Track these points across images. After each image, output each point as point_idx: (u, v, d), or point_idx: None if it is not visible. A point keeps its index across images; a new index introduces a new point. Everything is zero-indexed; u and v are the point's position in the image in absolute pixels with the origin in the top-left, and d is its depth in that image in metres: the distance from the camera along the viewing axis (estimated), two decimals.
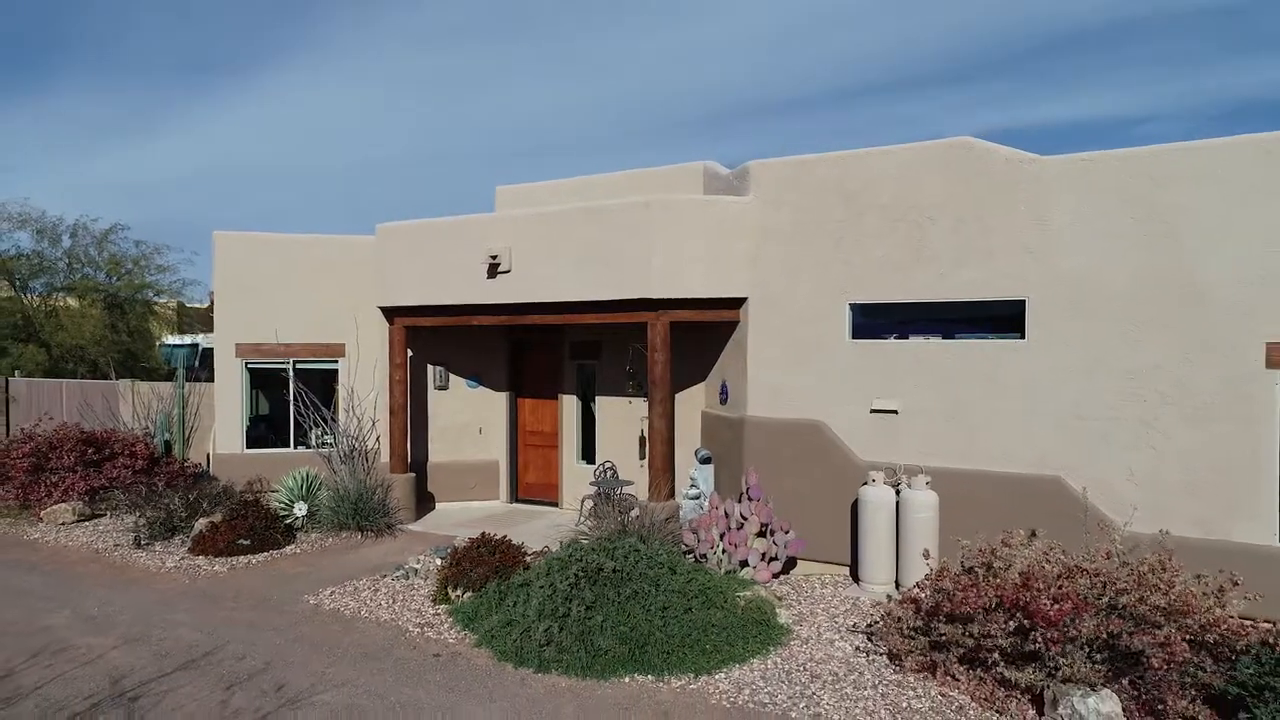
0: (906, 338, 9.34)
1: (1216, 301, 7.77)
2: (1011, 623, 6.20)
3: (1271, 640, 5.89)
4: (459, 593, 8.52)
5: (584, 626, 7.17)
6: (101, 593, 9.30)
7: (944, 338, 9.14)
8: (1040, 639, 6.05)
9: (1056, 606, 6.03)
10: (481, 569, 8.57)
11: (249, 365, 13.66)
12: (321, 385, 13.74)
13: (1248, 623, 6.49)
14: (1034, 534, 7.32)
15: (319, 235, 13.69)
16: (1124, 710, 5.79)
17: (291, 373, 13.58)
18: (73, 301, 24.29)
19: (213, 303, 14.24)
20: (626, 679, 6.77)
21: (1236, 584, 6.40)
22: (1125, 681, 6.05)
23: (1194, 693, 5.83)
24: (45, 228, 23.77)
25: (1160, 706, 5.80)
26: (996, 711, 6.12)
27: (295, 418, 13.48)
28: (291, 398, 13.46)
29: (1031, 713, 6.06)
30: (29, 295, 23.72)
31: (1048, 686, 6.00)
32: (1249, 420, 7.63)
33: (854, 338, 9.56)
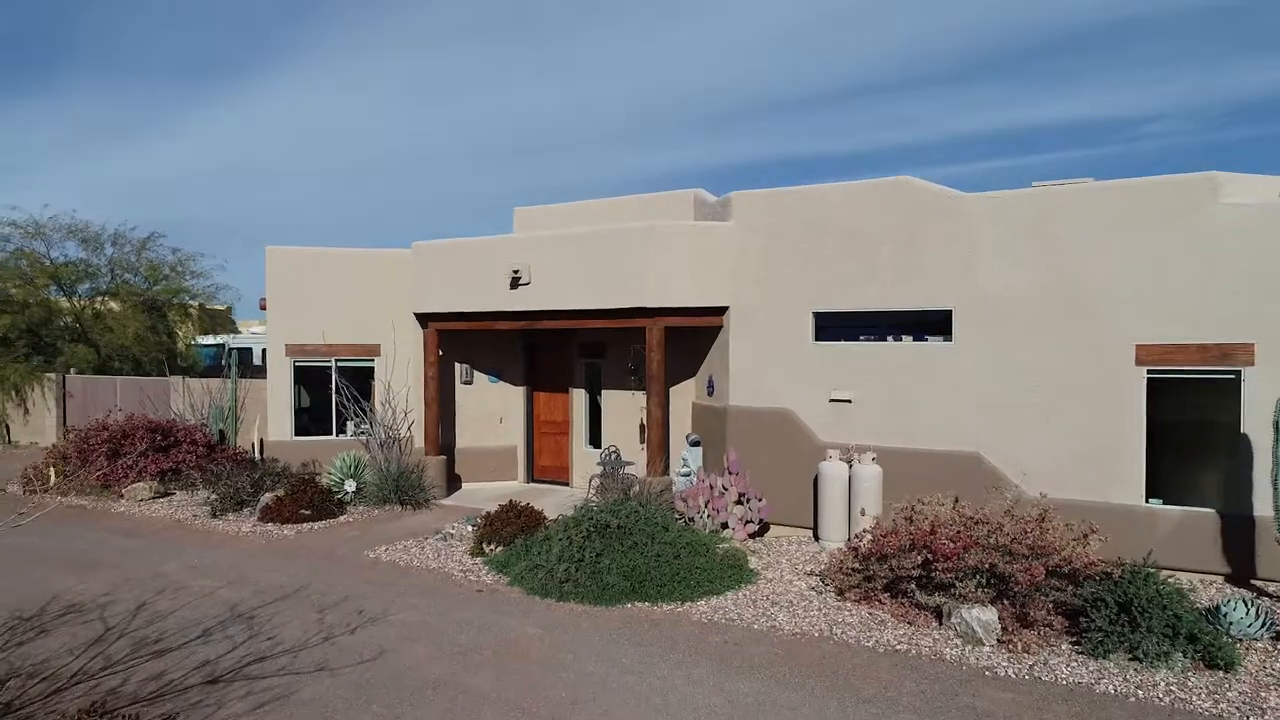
0: (859, 339, 11.30)
1: (1099, 312, 9.73)
2: (919, 558, 8.17)
3: (1110, 571, 7.84)
4: (492, 547, 10.50)
5: (595, 568, 9.14)
6: (195, 550, 11.29)
7: (888, 339, 11.10)
8: (940, 569, 8.02)
9: (951, 545, 7.99)
10: (510, 528, 10.56)
11: (296, 363, 15.61)
12: (357, 381, 15.68)
13: (1109, 561, 8.39)
14: (956, 499, 9.28)
15: (358, 249, 15.66)
16: (1000, 619, 7.76)
17: (334, 370, 15.54)
18: (114, 305, 26.24)
19: (263, 304, 16.10)
20: (628, 605, 8.75)
21: (1094, 531, 8.34)
22: (1005, 602, 7.99)
23: (1052, 606, 7.79)
24: (89, 237, 25.76)
25: (1028, 616, 7.76)
26: (908, 624, 8.09)
27: (338, 409, 15.45)
28: (334, 391, 15.42)
29: (934, 624, 8.03)
30: (76, 299, 25.66)
31: (945, 605, 7.98)
32: (1123, 406, 9.60)
33: (817, 340, 11.52)
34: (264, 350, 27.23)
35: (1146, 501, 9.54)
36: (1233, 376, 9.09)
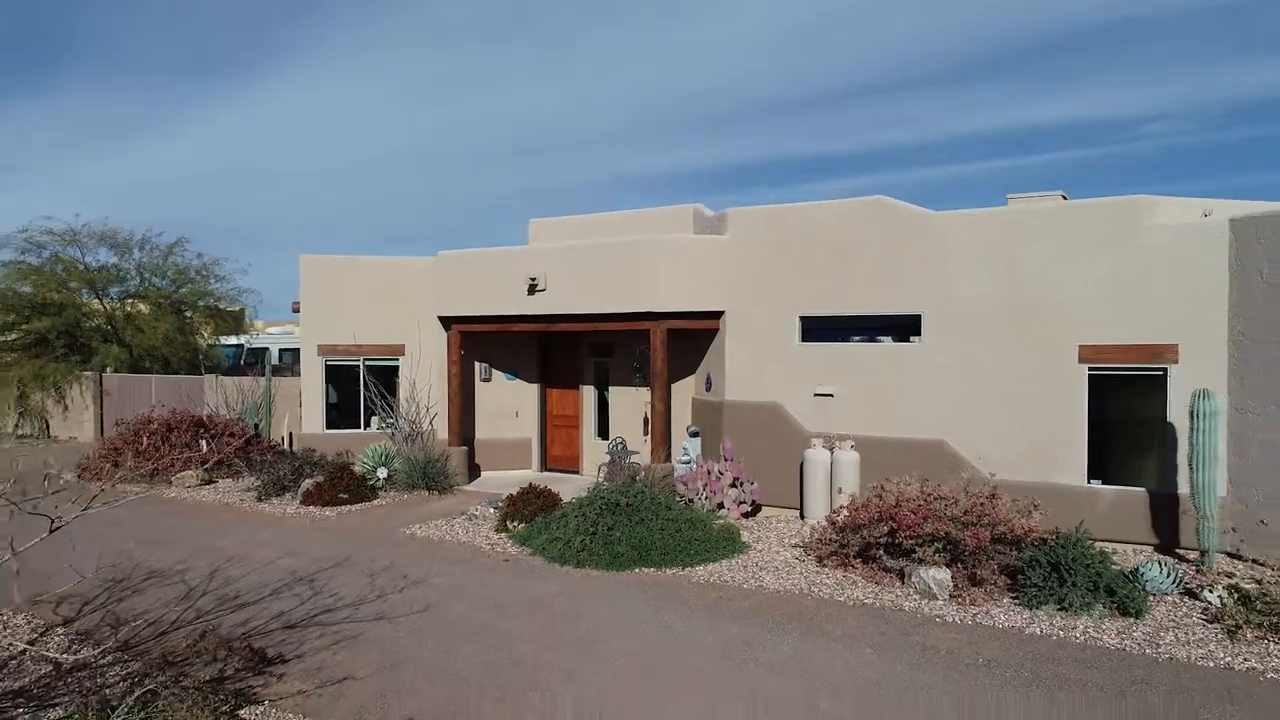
0: (841, 341, 12.65)
1: (1050, 318, 11.09)
2: (885, 528, 9.54)
3: (1045, 538, 9.19)
4: (515, 523, 11.88)
5: (607, 539, 10.51)
6: (248, 528, 12.66)
7: (867, 340, 12.46)
8: (903, 537, 9.39)
9: (912, 516, 9.36)
10: (530, 507, 11.94)
11: (328, 362, 16.97)
12: (383, 378, 17.03)
13: (1050, 532, 9.71)
14: (924, 480, 10.63)
15: (385, 257, 17.05)
16: (953, 578, 9.12)
17: (363, 368, 16.91)
18: (143, 307, 27.60)
19: (295, 308, 17.46)
20: (637, 570, 10.12)
21: (1037, 507, 9.69)
22: (959, 565, 9.36)
23: (998, 568, 9.15)
24: (119, 243, 27.13)
25: (977, 576, 9.13)
26: (875, 583, 9.46)
27: (366, 404, 16.82)
28: (362, 388, 16.79)
29: (898, 583, 9.40)
30: (108, 301, 27.01)
31: (907, 567, 9.35)
32: (1068, 400, 10.96)
33: (803, 341, 12.89)
34: (280, 350, 28.67)
35: (1088, 482, 10.90)
36: (1161, 373, 10.46)
